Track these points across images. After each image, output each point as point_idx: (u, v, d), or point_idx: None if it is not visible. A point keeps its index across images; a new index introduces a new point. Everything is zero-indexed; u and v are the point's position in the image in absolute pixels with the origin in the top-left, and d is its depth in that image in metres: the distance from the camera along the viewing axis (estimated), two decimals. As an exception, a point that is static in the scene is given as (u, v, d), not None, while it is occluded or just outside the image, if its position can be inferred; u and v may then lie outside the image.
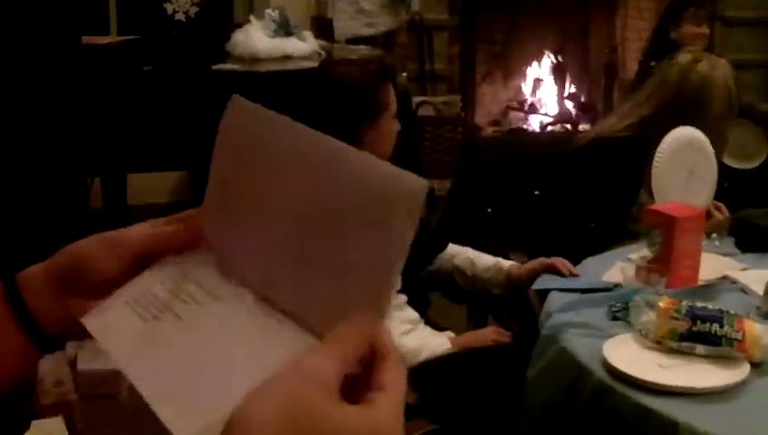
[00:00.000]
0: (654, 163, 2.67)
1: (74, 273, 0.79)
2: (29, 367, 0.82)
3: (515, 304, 2.79)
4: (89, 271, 0.79)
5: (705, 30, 4.69)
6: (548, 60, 6.50)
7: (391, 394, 0.62)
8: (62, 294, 0.79)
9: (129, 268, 0.79)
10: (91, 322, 0.75)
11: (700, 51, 3.19)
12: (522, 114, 6.45)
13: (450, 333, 2.41)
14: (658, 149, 2.68)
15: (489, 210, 3.22)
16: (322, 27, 5.21)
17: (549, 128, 6.28)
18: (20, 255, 3.25)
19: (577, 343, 1.93)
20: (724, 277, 2.31)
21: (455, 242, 2.71)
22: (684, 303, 1.89)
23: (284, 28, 4.09)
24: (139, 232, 0.81)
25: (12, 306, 0.79)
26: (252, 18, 4.19)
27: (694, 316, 1.86)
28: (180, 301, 0.74)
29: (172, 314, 0.72)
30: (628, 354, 1.85)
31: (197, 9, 5.45)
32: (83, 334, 0.77)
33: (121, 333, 0.73)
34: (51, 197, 3.85)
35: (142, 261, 0.80)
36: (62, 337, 0.82)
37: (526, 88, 6.50)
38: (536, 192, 3.22)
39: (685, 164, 2.71)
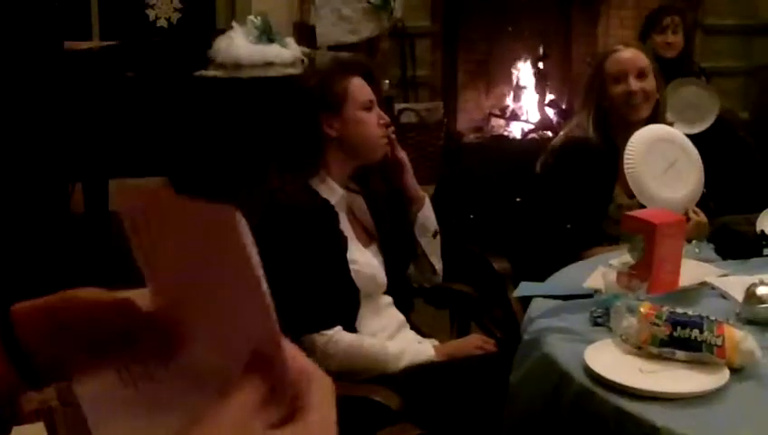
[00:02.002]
0: (626, 161, 2.71)
1: (74, 324, 0.76)
2: (7, 397, 0.79)
3: (498, 310, 2.80)
4: (89, 328, 0.76)
5: (671, 38, 4.72)
6: (530, 67, 6.52)
7: (321, 409, 0.61)
8: (58, 333, 0.76)
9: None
10: (79, 388, 0.75)
11: None
12: (503, 121, 6.47)
13: (434, 341, 2.42)
14: (627, 150, 2.72)
15: (471, 216, 3.23)
16: (305, 34, 5.22)
17: (530, 135, 6.29)
18: (1, 260, 3.22)
19: (559, 349, 1.94)
20: (704, 283, 2.33)
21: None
22: (665, 309, 1.91)
23: (267, 35, 4.10)
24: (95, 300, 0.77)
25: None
26: (234, 24, 4.19)
27: (674, 322, 1.87)
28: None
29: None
30: (610, 359, 1.86)
31: (180, 15, 5.44)
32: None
33: (103, 401, 0.74)
34: (32, 202, 3.83)
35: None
36: (52, 374, 0.78)
37: (508, 95, 6.52)
38: (517, 199, 3.23)
39: (663, 158, 2.74)
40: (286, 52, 4.12)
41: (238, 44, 3.99)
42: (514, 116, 6.45)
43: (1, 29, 3.65)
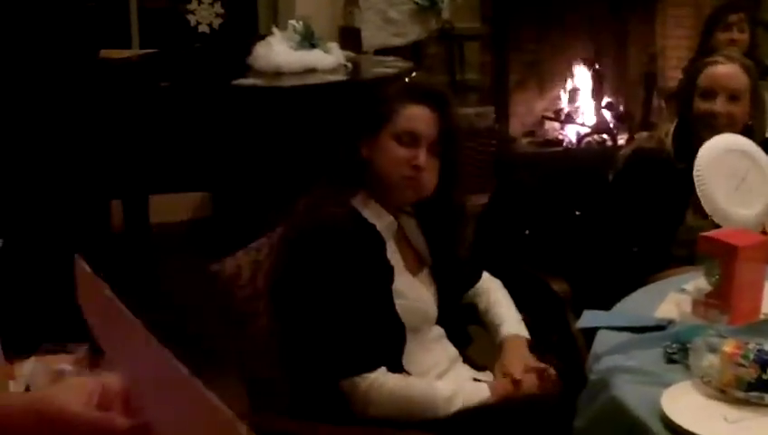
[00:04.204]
0: (696, 177, 2.49)
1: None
2: None
3: (556, 336, 2.58)
4: None
5: (737, 35, 4.46)
6: (584, 68, 6.28)
7: None
8: None
9: None
10: None
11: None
12: (557, 124, 6.24)
13: (491, 375, 2.19)
14: (697, 162, 2.49)
15: (527, 232, 3.02)
16: (350, 38, 5.04)
17: (586, 139, 6.06)
18: (42, 279, 3.10)
19: (630, 392, 1.72)
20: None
21: (490, 269, 2.49)
22: (751, 346, 1.68)
23: (308, 40, 3.91)
24: (77, 416, 0.73)
25: None
26: (274, 30, 4.02)
27: (763, 362, 1.65)
28: None
29: None
30: (689, 406, 1.65)
31: (221, 21, 5.30)
32: None
33: None
34: (71, 218, 3.71)
35: None
36: None
37: (562, 97, 6.29)
38: (577, 212, 3.01)
39: (733, 172, 2.52)
40: (329, 57, 3.93)
41: (278, 51, 3.81)
42: (569, 119, 6.21)
43: (35, 40, 3.54)
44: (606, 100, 6.30)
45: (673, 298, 2.12)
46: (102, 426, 0.73)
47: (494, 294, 2.38)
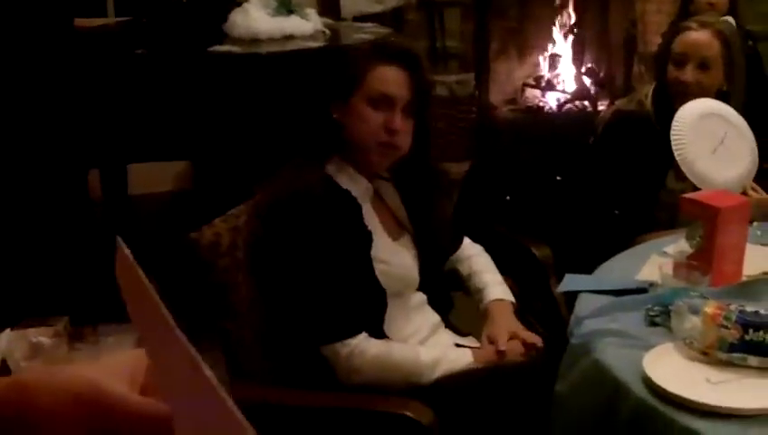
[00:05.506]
0: (673, 141, 2.48)
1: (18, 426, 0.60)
2: None
3: (539, 301, 2.57)
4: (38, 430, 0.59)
5: None
6: (565, 34, 6.24)
7: None
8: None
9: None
10: None
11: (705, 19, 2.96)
12: (538, 92, 6.21)
13: (474, 341, 2.18)
14: (673, 131, 2.49)
15: (508, 198, 3.00)
16: (328, 4, 4.99)
17: (566, 106, 6.03)
18: (21, 253, 3.06)
19: (612, 355, 1.71)
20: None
21: (472, 235, 2.47)
22: (733, 307, 1.67)
23: (286, 6, 3.86)
24: (122, 400, 0.61)
25: None
26: (252, -4, 3.96)
27: (745, 324, 1.64)
28: None
29: None
30: (672, 368, 1.64)
31: (197, -12, 5.21)
32: None
33: None
34: (48, 190, 3.66)
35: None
36: None
37: (543, 64, 6.26)
38: (557, 177, 3.00)
39: (710, 135, 2.52)
40: (307, 24, 3.87)
41: (255, 17, 3.75)
42: (550, 86, 6.18)
43: (9, 9, 3.48)
44: (586, 66, 6.27)
45: (655, 261, 2.11)
46: (148, 413, 0.61)
47: (476, 259, 2.37)
